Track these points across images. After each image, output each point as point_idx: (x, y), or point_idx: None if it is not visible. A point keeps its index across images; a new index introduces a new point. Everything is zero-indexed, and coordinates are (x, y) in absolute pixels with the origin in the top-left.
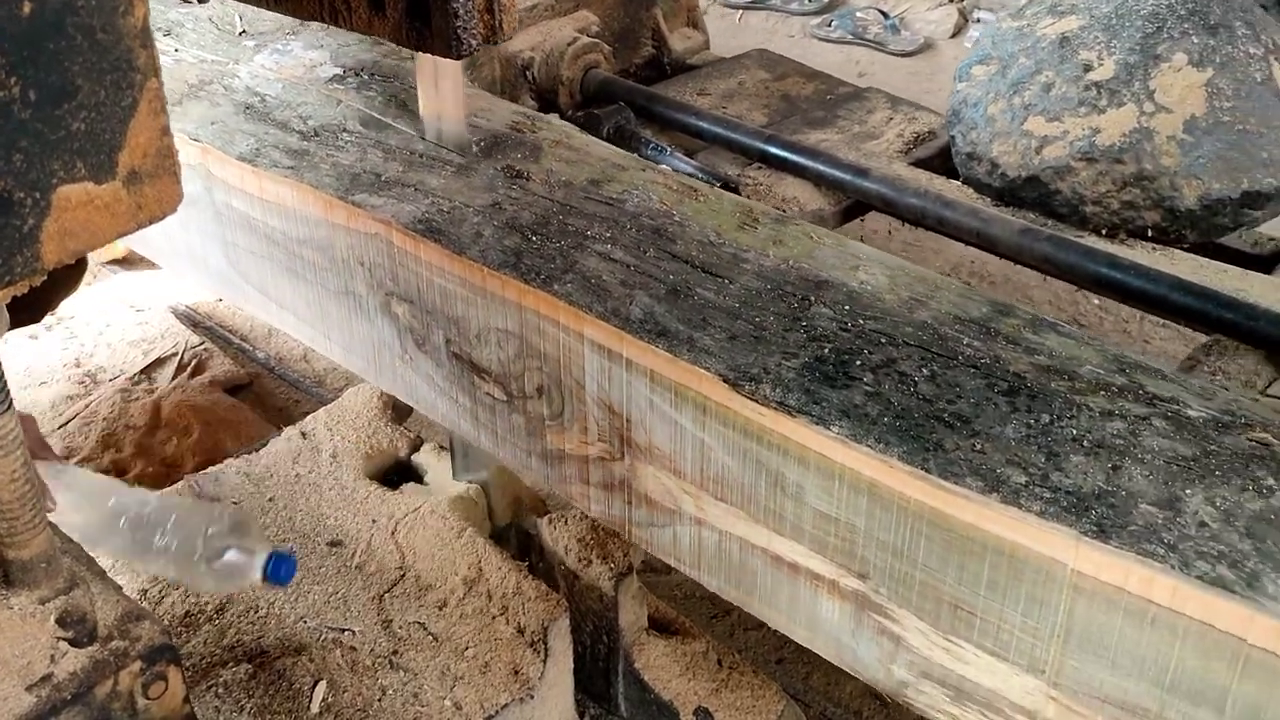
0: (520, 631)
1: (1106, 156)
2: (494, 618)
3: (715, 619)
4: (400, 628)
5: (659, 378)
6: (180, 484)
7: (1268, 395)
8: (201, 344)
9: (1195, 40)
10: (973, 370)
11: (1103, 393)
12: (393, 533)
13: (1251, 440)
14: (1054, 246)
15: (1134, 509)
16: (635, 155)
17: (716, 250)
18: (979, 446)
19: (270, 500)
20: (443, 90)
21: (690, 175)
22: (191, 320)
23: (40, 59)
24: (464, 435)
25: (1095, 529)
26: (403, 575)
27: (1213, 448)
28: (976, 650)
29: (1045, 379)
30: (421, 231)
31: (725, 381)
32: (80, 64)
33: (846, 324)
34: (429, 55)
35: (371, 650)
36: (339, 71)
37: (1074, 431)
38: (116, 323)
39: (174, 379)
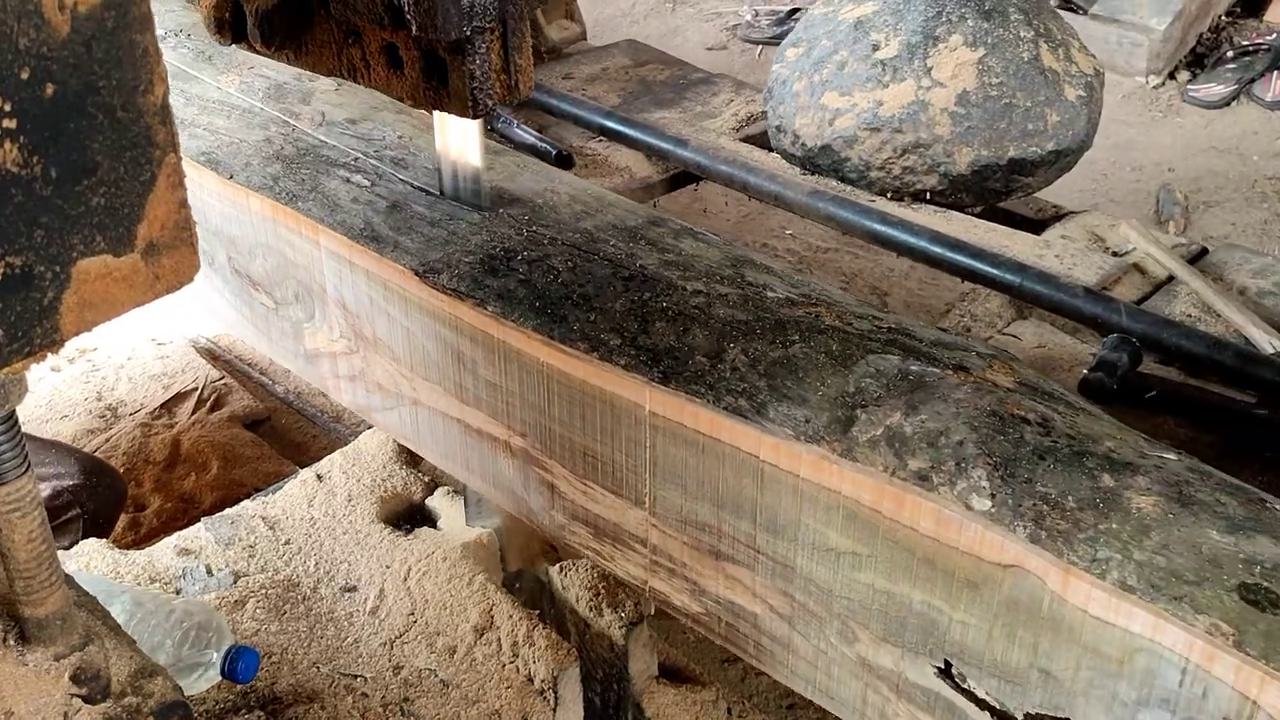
0: (530, 679)
1: (888, 126)
2: (504, 665)
3: (726, 663)
4: (411, 674)
5: (373, 275)
6: (198, 525)
7: (1004, 334)
8: (221, 378)
9: (971, 24)
10: (607, 263)
11: (703, 279)
12: (405, 578)
13: (806, 311)
14: (835, 205)
15: (691, 360)
16: (395, 100)
17: (436, 175)
18: (593, 318)
19: (286, 544)
20: (459, 146)
21: (532, 145)
22: (211, 354)
23: (62, 138)
24: (250, 342)
25: (661, 376)
26: (414, 621)
27: (766, 315)
28: (602, 491)
29: (663, 270)
30: (203, 163)
31: (415, 273)
32: (100, 142)
33: (521, 230)
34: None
35: (382, 697)
36: (161, 33)
37: (664, 305)
38: (138, 356)
39: (193, 414)
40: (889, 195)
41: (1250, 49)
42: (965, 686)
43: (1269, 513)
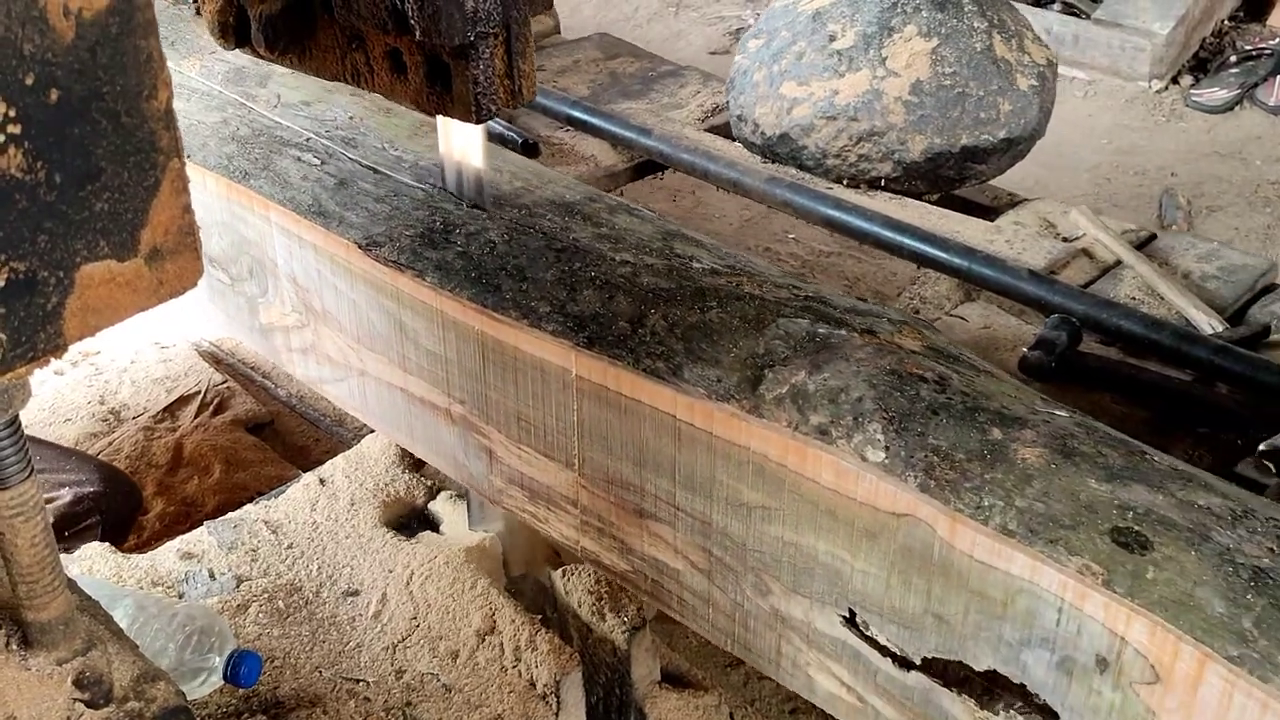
0: (533, 684)
1: (844, 115)
2: (507, 670)
3: (729, 668)
4: (413, 678)
5: (320, 250)
6: (200, 529)
7: (951, 315)
8: (224, 382)
9: (925, 14)
10: (542, 236)
11: (632, 251)
12: (408, 582)
13: (728, 280)
14: (791, 192)
15: (614, 325)
16: (347, 83)
17: (385, 153)
18: (525, 288)
19: (289, 548)
20: (463, 146)
21: (500, 134)
22: (215, 358)
23: (66, 144)
24: (207, 318)
25: (586, 341)
26: (417, 626)
27: (688, 284)
28: (535, 454)
29: (595, 242)
30: None
31: (359, 246)
32: (105, 147)
33: (462, 205)
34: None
35: (385, 701)
36: None
37: (593, 274)
38: (141, 360)
39: (196, 417)
40: (845, 182)
41: (1253, 53)
42: (869, 634)
43: (1148, 463)
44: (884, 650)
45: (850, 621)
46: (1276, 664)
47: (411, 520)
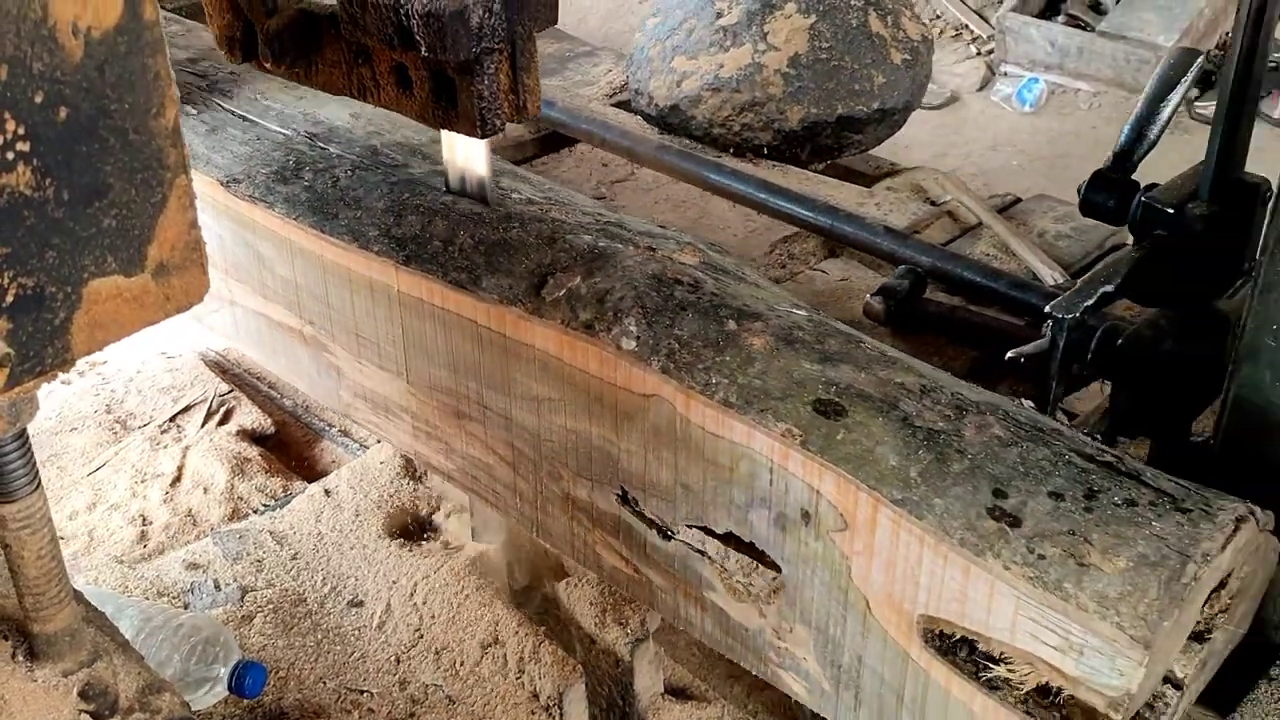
0: (536, 695)
1: (728, 87)
2: (510, 681)
3: (732, 680)
4: (417, 689)
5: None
6: (206, 539)
7: (814, 269)
8: (229, 392)
9: None
10: (385, 170)
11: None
12: (411, 594)
13: (539, 208)
14: (678, 159)
15: (429, 245)
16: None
17: (256, 104)
18: (360, 216)
19: (294, 558)
20: (468, 152)
21: None
22: (220, 368)
23: (74, 161)
24: None
25: (405, 258)
26: (421, 637)
27: (500, 209)
28: (373, 367)
29: (428, 177)
30: None
31: (220, 183)
32: (113, 164)
33: (317, 146)
34: None
35: (389, 712)
36: None
37: (419, 203)
38: (147, 369)
39: (202, 427)
40: (731, 151)
41: None
42: (638, 509)
43: (860, 350)
44: (650, 522)
45: (624, 499)
46: (931, 505)
47: (416, 531)
